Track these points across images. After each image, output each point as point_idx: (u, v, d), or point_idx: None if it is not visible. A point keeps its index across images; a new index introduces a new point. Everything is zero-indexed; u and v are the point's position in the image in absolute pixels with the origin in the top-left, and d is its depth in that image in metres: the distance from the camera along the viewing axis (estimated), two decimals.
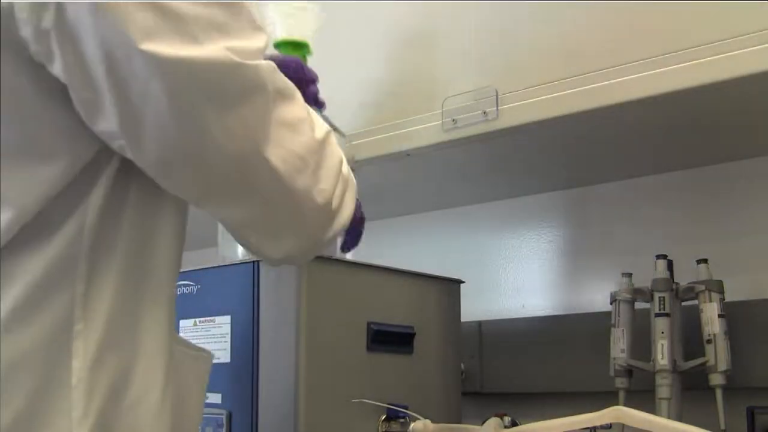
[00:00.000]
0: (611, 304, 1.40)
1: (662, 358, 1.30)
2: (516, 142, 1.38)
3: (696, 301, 1.32)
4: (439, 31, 1.41)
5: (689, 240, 1.47)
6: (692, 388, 1.31)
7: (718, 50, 1.11)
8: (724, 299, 1.30)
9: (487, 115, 1.31)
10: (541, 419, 1.05)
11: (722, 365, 1.27)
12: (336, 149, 0.92)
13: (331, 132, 0.92)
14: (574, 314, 1.57)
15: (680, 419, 1.26)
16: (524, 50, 1.30)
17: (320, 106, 1.30)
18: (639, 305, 1.38)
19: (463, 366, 1.49)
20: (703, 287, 1.31)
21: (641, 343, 1.36)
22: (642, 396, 1.29)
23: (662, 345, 1.30)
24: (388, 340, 1.24)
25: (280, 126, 0.82)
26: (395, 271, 1.29)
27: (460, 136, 1.34)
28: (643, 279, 1.37)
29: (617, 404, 1.20)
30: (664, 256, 1.35)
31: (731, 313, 1.30)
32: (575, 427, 1.01)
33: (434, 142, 1.37)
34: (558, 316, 1.60)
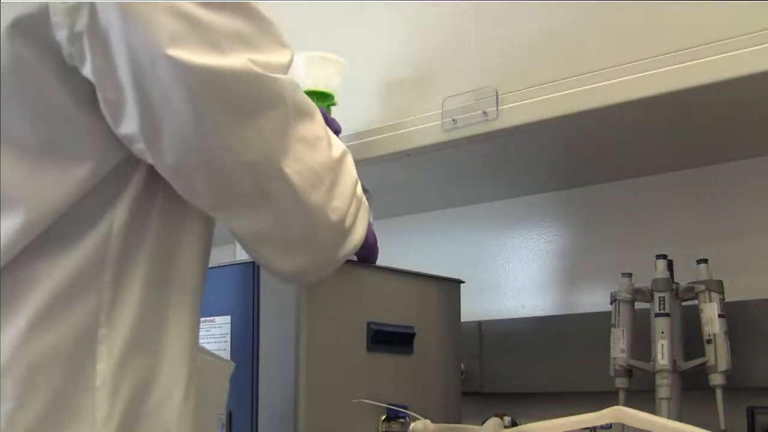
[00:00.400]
0: (611, 304, 1.40)
1: (662, 358, 1.30)
2: (516, 142, 1.38)
3: (696, 301, 1.32)
4: (439, 31, 1.41)
5: (689, 240, 1.47)
6: (692, 388, 1.31)
7: (718, 50, 1.11)
8: (724, 299, 1.30)
9: (487, 115, 1.31)
10: (541, 419, 1.04)
11: (722, 365, 1.27)
12: (351, 169, 0.93)
13: (348, 153, 0.93)
14: (574, 314, 1.57)
15: (680, 419, 1.26)
16: (524, 50, 1.30)
17: None
18: (639, 305, 1.38)
19: (463, 366, 1.49)
20: (703, 287, 1.31)
21: (641, 343, 1.36)
22: (642, 396, 1.29)
23: (662, 345, 1.30)
24: (388, 340, 1.24)
25: (297, 141, 0.83)
26: (395, 271, 1.29)
27: (460, 136, 1.34)
28: (643, 279, 1.37)
29: (617, 404, 1.20)
30: (664, 256, 1.35)
31: (731, 313, 1.30)
32: (575, 427, 1.01)
33: (434, 142, 1.37)
34: (558, 316, 1.60)
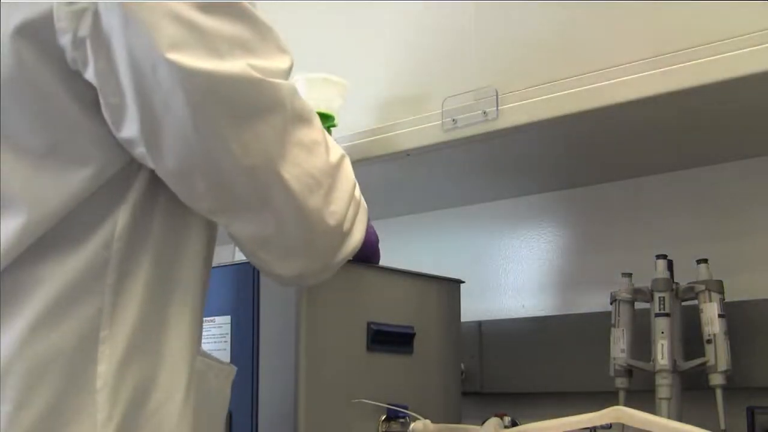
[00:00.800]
0: (611, 304, 1.40)
1: (662, 358, 1.30)
2: (516, 142, 1.38)
3: (696, 301, 1.32)
4: (440, 31, 1.41)
5: (689, 240, 1.47)
6: (692, 388, 1.31)
7: (718, 50, 1.11)
8: (724, 299, 1.30)
9: (487, 115, 1.31)
10: (541, 419, 1.04)
11: (722, 365, 1.27)
12: (349, 174, 0.93)
13: (346, 157, 0.93)
14: (574, 314, 1.57)
15: (680, 419, 1.26)
16: (524, 50, 1.30)
17: None
18: (639, 305, 1.38)
19: (463, 366, 1.49)
20: (703, 287, 1.31)
21: (641, 343, 1.36)
22: (642, 396, 1.29)
23: (662, 345, 1.30)
24: (388, 340, 1.24)
25: (296, 146, 0.84)
26: (395, 271, 1.29)
27: (460, 136, 1.34)
28: (643, 279, 1.37)
29: (617, 404, 1.20)
30: (664, 256, 1.35)
31: (731, 313, 1.30)
32: (575, 427, 1.01)
33: (434, 142, 1.37)
34: (558, 316, 1.60)
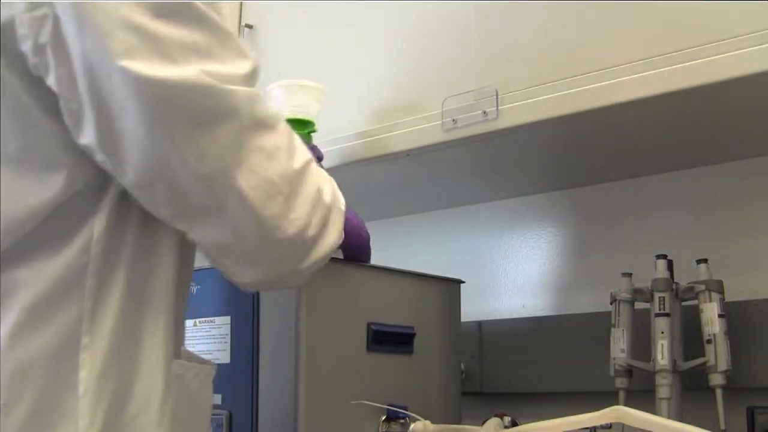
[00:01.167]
0: (611, 304, 1.40)
1: (662, 358, 1.30)
2: (516, 142, 1.38)
3: (696, 301, 1.32)
4: (440, 31, 1.41)
5: (689, 240, 1.47)
6: (692, 388, 1.31)
7: (718, 50, 1.11)
8: (724, 299, 1.30)
9: (487, 115, 1.31)
10: (541, 419, 1.04)
11: (722, 365, 1.27)
12: (314, 179, 0.92)
13: (312, 161, 0.92)
14: (574, 314, 1.57)
15: (680, 419, 1.26)
16: (524, 50, 1.30)
17: None
18: (639, 305, 1.38)
19: (463, 366, 1.49)
20: (703, 287, 1.31)
21: (641, 343, 1.36)
22: (642, 396, 1.29)
23: (662, 345, 1.30)
24: (388, 340, 1.24)
25: (254, 152, 0.83)
26: (395, 271, 1.29)
27: (460, 136, 1.34)
28: (643, 279, 1.37)
29: (617, 404, 1.20)
30: (664, 256, 1.35)
31: (731, 313, 1.30)
32: (575, 427, 1.01)
33: (434, 142, 1.37)
34: (558, 316, 1.60)
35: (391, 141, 1.43)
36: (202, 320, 1.23)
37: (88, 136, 0.78)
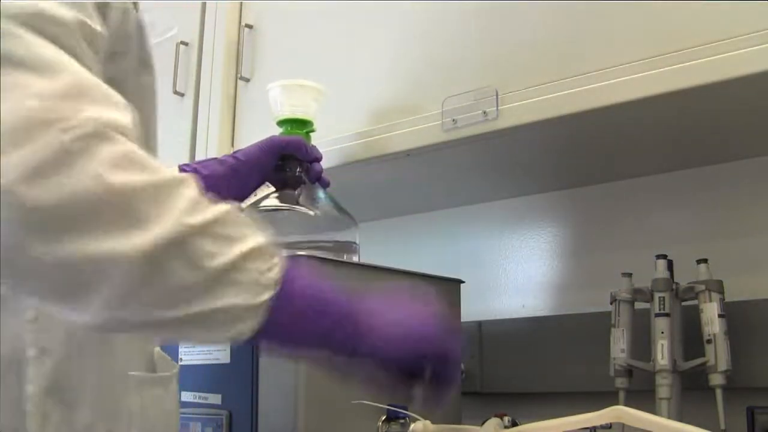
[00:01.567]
0: (611, 304, 1.40)
1: (662, 358, 1.30)
2: (516, 142, 1.38)
3: (696, 301, 1.32)
4: (440, 31, 1.41)
5: (689, 240, 1.47)
6: (692, 388, 1.31)
7: (718, 50, 1.11)
8: (724, 299, 1.30)
9: (487, 115, 1.31)
10: (541, 419, 1.04)
11: (722, 365, 1.27)
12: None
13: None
14: (574, 314, 1.57)
15: (680, 419, 1.25)
16: (524, 50, 1.30)
17: (324, 185, 1.30)
18: (639, 305, 1.38)
19: (463, 366, 1.49)
20: (703, 287, 1.31)
21: (641, 343, 1.36)
22: (642, 396, 1.29)
23: (662, 345, 1.30)
24: None
25: None
26: (395, 271, 1.29)
27: (460, 136, 1.34)
28: (643, 279, 1.37)
29: (617, 404, 1.20)
30: (664, 256, 1.35)
31: (731, 313, 1.30)
32: (575, 427, 1.01)
33: (434, 142, 1.37)
34: (558, 316, 1.60)
35: (390, 141, 1.42)
36: None
37: None
